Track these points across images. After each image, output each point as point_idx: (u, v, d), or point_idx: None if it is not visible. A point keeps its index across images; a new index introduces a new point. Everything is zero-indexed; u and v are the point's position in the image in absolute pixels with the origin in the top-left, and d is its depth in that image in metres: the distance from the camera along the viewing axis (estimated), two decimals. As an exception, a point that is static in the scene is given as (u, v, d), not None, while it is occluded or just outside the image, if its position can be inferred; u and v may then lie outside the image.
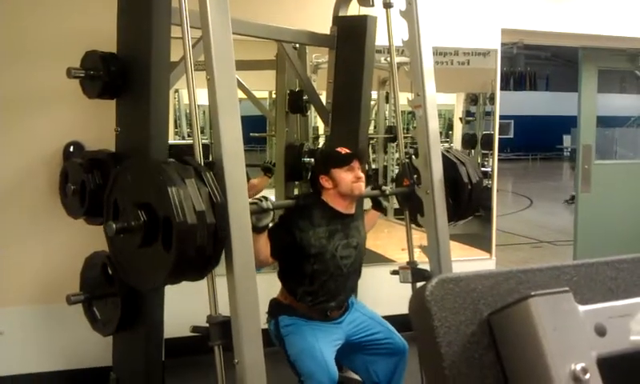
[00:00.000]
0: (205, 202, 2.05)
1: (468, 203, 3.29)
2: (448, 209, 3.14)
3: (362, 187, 2.77)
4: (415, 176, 3.18)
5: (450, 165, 3.23)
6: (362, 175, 2.79)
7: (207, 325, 2.25)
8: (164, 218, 2.02)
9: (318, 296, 2.70)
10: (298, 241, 2.65)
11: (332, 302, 2.74)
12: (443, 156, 3.18)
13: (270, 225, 2.66)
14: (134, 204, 2.12)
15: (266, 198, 2.57)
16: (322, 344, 2.61)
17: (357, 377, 3.05)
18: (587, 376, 0.61)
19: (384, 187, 3.17)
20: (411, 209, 3.32)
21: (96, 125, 3.16)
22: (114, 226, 2.10)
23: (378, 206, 3.14)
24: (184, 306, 2.91)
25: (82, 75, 2.55)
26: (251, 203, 2.38)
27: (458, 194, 3.25)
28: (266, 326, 2.28)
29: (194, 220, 2.00)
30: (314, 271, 2.67)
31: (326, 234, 2.69)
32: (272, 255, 2.64)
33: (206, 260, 2.11)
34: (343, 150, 2.83)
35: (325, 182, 2.76)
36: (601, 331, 0.66)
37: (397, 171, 5.99)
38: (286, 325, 2.70)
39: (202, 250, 2.04)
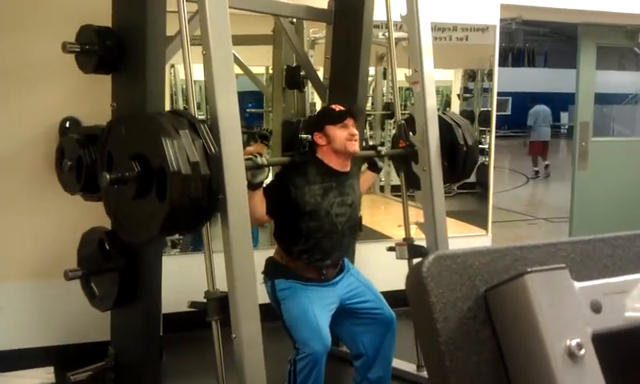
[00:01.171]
0: (199, 153, 2.04)
1: (463, 166, 3.28)
2: (443, 171, 3.14)
3: (355, 145, 2.77)
4: (411, 133, 3.17)
5: (445, 127, 3.21)
6: (357, 132, 2.77)
7: (205, 300, 2.27)
8: (158, 168, 2.02)
9: (314, 254, 2.70)
10: (293, 197, 2.65)
11: (327, 260, 2.74)
12: (439, 118, 3.17)
13: (266, 183, 2.66)
14: (128, 155, 2.12)
15: (260, 154, 2.57)
16: (317, 310, 2.63)
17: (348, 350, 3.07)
18: (582, 352, 0.61)
19: (379, 148, 3.17)
20: (407, 172, 3.31)
21: (92, 100, 3.14)
22: (108, 176, 2.10)
23: (373, 167, 3.14)
24: (182, 282, 2.93)
25: (78, 50, 2.54)
26: (246, 159, 2.37)
27: (454, 157, 3.24)
28: (263, 302, 2.29)
29: (188, 170, 2.00)
30: (309, 229, 2.68)
31: (320, 192, 2.69)
32: (267, 213, 2.65)
33: (201, 212, 2.11)
34: (338, 107, 2.82)
35: (319, 139, 2.75)
36: (596, 308, 0.66)
37: (393, 135, 5.98)
38: (282, 288, 2.71)
39: (196, 201, 2.04)
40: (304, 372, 2.57)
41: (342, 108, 2.81)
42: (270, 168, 2.72)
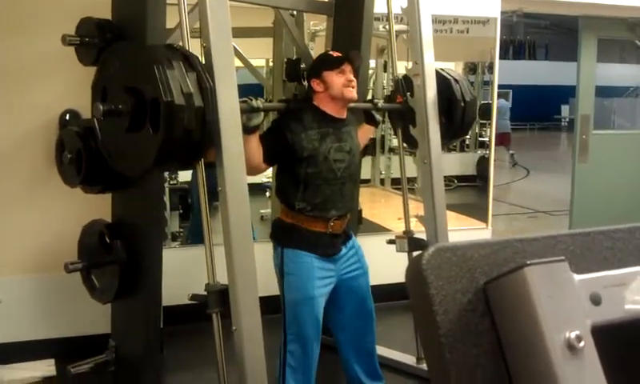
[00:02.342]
0: (193, 85, 2.04)
1: (461, 122, 3.26)
2: (441, 127, 3.12)
3: (353, 92, 2.73)
4: (409, 93, 3.16)
5: (443, 82, 3.19)
6: (354, 79, 2.74)
7: (205, 293, 2.27)
8: (151, 99, 2.02)
9: (314, 200, 2.66)
10: (290, 143, 2.62)
11: (331, 209, 2.70)
12: (437, 73, 3.15)
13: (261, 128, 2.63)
14: (121, 88, 2.11)
15: (256, 98, 2.54)
16: (317, 293, 2.63)
17: None
18: (581, 344, 0.62)
19: (376, 100, 3.15)
20: (404, 128, 3.30)
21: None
22: (102, 107, 2.09)
23: (371, 120, 3.11)
24: (182, 274, 2.93)
25: (78, 42, 2.53)
26: (241, 102, 2.34)
27: (451, 112, 3.22)
28: (263, 294, 2.29)
29: (182, 101, 1.99)
30: (307, 174, 2.64)
31: (317, 137, 2.66)
32: (265, 160, 2.61)
33: (195, 145, 2.10)
34: (335, 53, 2.79)
35: (316, 85, 2.73)
36: (596, 300, 0.66)
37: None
38: (290, 261, 2.66)
39: (189, 133, 2.03)
40: (294, 357, 2.61)
41: (339, 54, 2.78)
42: (266, 114, 2.68)
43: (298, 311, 2.62)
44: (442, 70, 3.27)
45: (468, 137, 7.78)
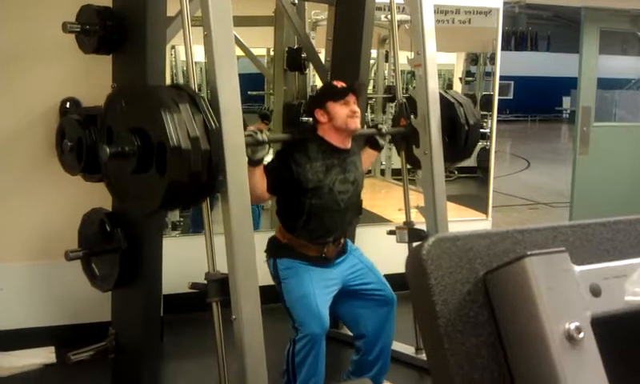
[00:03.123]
0: (199, 127, 2.04)
1: (464, 145, 3.26)
2: (444, 149, 3.13)
3: (357, 122, 2.74)
4: (412, 116, 3.16)
5: (447, 105, 3.20)
6: (358, 110, 2.75)
7: (205, 281, 2.28)
8: (158, 143, 2.02)
9: (316, 231, 2.69)
10: (295, 175, 2.64)
11: (329, 237, 2.73)
12: (441, 96, 3.15)
13: (266, 161, 2.65)
14: (128, 129, 2.11)
15: (261, 131, 2.56)
16: (317, 291, 2.64)
17: (348, 332, 3.09)
18: (581, 335, 0.62)
19: (380, 125, 3.15)
20: (408, 150, 3.30)
21: (92, 80, 3.13)
22: (108, 150, 2.09)
23: (374, 145, 3.12)
24: (182, 263, 2.94)
25: (78, 30, 2.52)
26: (246, 135, 2.36)
27: (455, 135, 3.22)
28: (263, 283, 2.29)
29: (188, 145, 2.00)
30: (311, 206, 2.66)
31: (322, 169, 2.67)
32: (268, 190, 2.63)
33: (201, 187, 2.11)
34: (339, 84, 2.79)
35: (320, 115, 2.73)
36: (596, 291, 0.66)
37: (394, 113, 5.98)
38: (285, 267, 2.70)
39: (196, 176, 2.04)
40: (302, 352, 2.58)
41: (343, 84, 2.78)
42: (270, 145, 2.71)
43: (300, 309, 2.62)
44: (446, 92, 3.28)
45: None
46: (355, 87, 2.78)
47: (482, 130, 7.03)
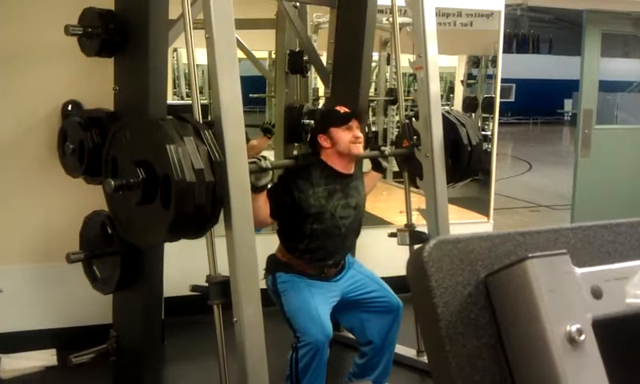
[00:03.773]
0: (203, 160, 2.05)
1: (467, 165, 3.27)
2: (447, 171, 3.14)
3: (360, 147, 2.77)
4: (415, 137, 3.17)
5: (449, 126, 3.21)
6: (361, 135, 2.77)
7: (206, 284, 2.28)
8: (163, 175, 2.03)
9: (316, 254, 2.72)
10: (297, 201, 2.66)
11: (329, 260, 2.75)
12: (443, 117, 3.16)
13: (269, 185, 2.66)
14: (132, 162, 2.12)
15: (264, 158, 2.58)
16: (317, 300, 2.64)
17: (351, 336, 3.09)
18: (582, 337, 0.62)
19: (383, 148, 3.16)
20: (410, 171, 3.32)
21: (94, 83, 3.14)
22: (113, 183, 2.10)
23: (377, 167, 3.13)
24: (184, 266, 2.93)
25: (80, 33, 2.53)
26: (250, 163, 2.38)
27: (458, 156, 3.24)
28: (264, 286, 2.29)
29: (193, 178, 2.00)
30: (313, 231, 2.69)
31: (325, 194, 2.69)
32: (271, 215, 2.65)
33: (205, 218, 2.12)
34: (342, 109, 2.81)
35: (323, 141, 2.75)
36: (597, 294, 0.66)
37: (397, 133, 5.96)
38: (283, 281, 2.72)
39: (200, 209, 2.05)
40: (305, 359, 2.57)
41: (346, 110, 2.81)
42: (274, 171, 2.72)
43: (300, 318, 2.62)
44: (448, 113, 3.29)
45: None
46: (358, 113, 2.82)
47: (483, 133, 7.03)
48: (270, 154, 4.87)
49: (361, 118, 2.82)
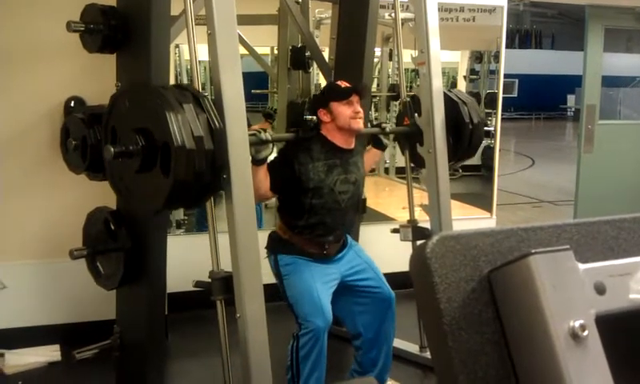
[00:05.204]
0: (203, 127, 2.04)
1: (468, 144, 3.25)
2: (448, 149, 3.12)
3: (360, 123, 2.74)
4: (416, 114, 3.16)
5: (451, 104, 3.19)
6: (361, 110, 2.75)
7: (209, 280, 2.28)
8: (162, 143, 2.03)
9: (316, 229, 2.71)
10: (297, 174, 2.65)
11: (330, 235, 2.74)
12: (445, 95, 3.14)
13: (270, 159, 2.66)
14: (132, 129, 2.12)
15: (264, 130, 2.57)
16: (319, 286, 2.65)
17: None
18: (585, 333, 0.62)
19: (384, 125, 3.15)
20: (411, 149, 3.30)
21: (96, 79, 3.14)
22: (112, 149, 2.10)
23: (378, 144, 3.12)
24: (187, 262, 2.94)
25: (82, 29, 2.52)
26: (250, 135, 2.36)
27: (459, 134, 3.21)
28: (267, 282, 2.29)
29: (193, 145, 2.00)
30: (312, 206, 2.68)
31: (324, 169, 2.68)
32: (271, 189, 2.64)
33: (205, 186, 2.11)
34: (343, 84, 2.80)
35: (323, 115, 2.74)
36: (600, 289, 0.66)
37: (398, 111, 5.93)
38: (285, 264, 2.71)
39: (200, 176, 2.05)
40: (306, 347, 2.59)
41: (347, 84, 2.79)
42: (274, 144, 2.71)
43: (302, 304, 2.63)
44: (449, 91, 3.27)
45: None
46: (359, 88, 2.78)
47: (486, 128, 7.02)
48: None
49: (362, 93, 2.78)
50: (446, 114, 3.11)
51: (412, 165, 3.42)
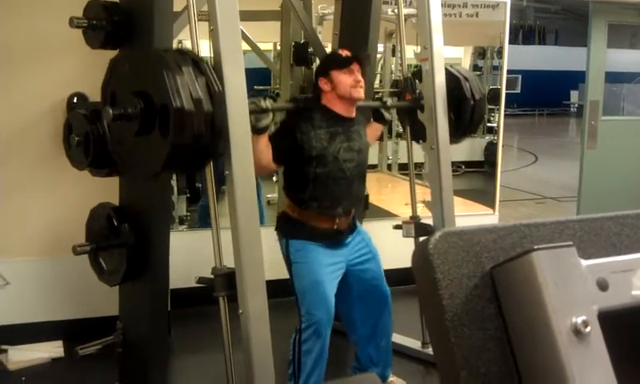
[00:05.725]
0: (202, 90, 2.04)
1: (470, 120, 3.23)
2: (450, 125, 3.10)
3: (360, 92, 2.72)
4: (418, 91, 3.15)
5: (453, 80, 3.17)
6: (362, 79, 2.73)
7: (212, 276, 2.28)
8: (161, 105, 2.03)
9: (323, 201, 2.68)
10: (299, 143, 2.63)
11: (338, 207, 2.71)
12: (446, 71, 3.13)
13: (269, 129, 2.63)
14: (131, 92, 2.12)
15: (265, 98, 2.54)
16: (326, 278, 2.65)
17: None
18: (588, 329, 0.62)
19: (385, 99, 3.13)
20: (412, 124, 3.29)
21: (99, 76, 3.11)
22: (111, 111, 2.10)
23: (380, 118, 3.10)
24: (189, 258, 2.94)
25: (85, 25, 2.53)
26: (250, 103, 2.34)
27: (461, 110, 3.19)
28: (270, 278, 2.30)
29: (191, 107, 2.00)
30: (317, 174, 2.65)
31: (327, 136, 2.66)
32: (274, 160, 2.61)
33: (204, 149, 2.11)
34: (344, 52, 2.78)
35: (324, 84, 2.72)
36: (603, 286, 0.66)
37: (399, 84, 5.91)
38: (296, 250, 2.69)
39: (199, 138, 2.04)
40: (309, 341, 2.60)
41: (348, 53, 2.76)
42: (274, 114, 2.69)
43: (308, 296, 2.63)
44: (451, 67, 3.25)
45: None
46: (360, 56, 2.76)
47: (489, 125, 7.01)
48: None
49: (362, 61, 2.76)
50: (448, 89, 3.08)
51: (415, 161, 3.41)
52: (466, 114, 3.19)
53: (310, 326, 2.59)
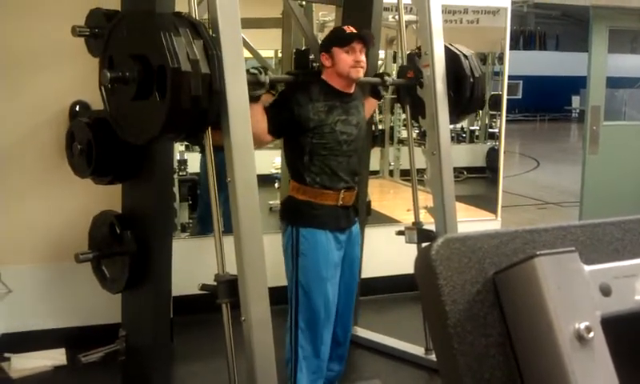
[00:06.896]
0: (199, 52, 2.04)
1: (470, 98, 3.22)
2: (449, 103, 3.09)
3: (360, 72, 2.70)
4: (419, 71, 3.13)
5: (452, 57, 3.16)
6: (363, 59, 2.70)
7: (215, 283, 2.28)
8: (158, 66, 2.02)
9: (323, 173, 2.66)
10: (296, 115, 2.61)
11: (341, 182, 2.70)
12: (446, 49, 3.11)
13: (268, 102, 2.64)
14: (128, 55, 2.12)
15: (264, 70, 2.54)
16: (330, 276, 2.66)
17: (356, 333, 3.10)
18: (591, 335, 0.61)
19: (386, 77, 3.12)
20: (412, 104, 3.28)
21: (101, 84, 3.15)
22: (109, 74, 2.10)
23: (375, 93, 3.09)
24: (192, 265, 2.94)
25: (87, 33, 2.54)
26: (248, 73, 2.33)
27: (460, 88, 3.18)
28: (272, 285, 2.29)
29: (188, 67, 2.00)
30: (313, 145, 2.64)
31: (324, 109, 2.65)
32: (269, 132, 2.60)
33: (202, 113, 2.10)
34: (349, 29, 2.75)
35: (325, 59, 2.71)
36: (606, 291, 0.66)
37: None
38: (306, 240, 2.66)
39: (197, 101, 2.04)
40: (304, 338, 2.63)
41: (353, 30, 2.73)
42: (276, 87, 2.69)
43: (311, 292, 2.63)
44: (450, 45, 3.23)
45: (477, 128, 7.75)
46: (363, 35, 2.72)
47: (490, 130, 7.01)
48: (276, 154, 4.88)
49: (366, 40, 2.72)
50: (447, 67, 3.07)
51: (417, 167, 3.41)
52: (466, 91, 3.18)
53: (307, 324, 2.61)
